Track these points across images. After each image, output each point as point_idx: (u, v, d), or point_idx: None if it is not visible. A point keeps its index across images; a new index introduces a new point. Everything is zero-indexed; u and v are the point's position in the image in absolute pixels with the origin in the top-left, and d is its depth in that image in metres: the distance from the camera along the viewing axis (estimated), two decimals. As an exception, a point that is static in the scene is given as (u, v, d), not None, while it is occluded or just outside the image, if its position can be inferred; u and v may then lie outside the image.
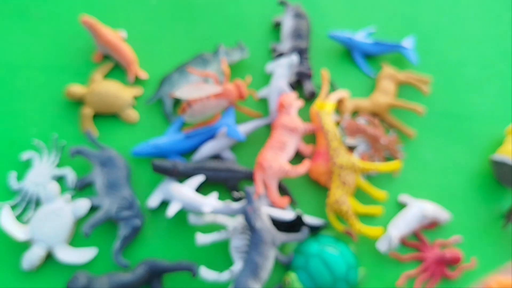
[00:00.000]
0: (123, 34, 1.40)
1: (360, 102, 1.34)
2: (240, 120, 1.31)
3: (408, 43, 1.44)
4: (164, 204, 1.20)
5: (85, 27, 1.32)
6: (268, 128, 1.31)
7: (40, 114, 1.30)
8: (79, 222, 1.18)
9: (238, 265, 1.11)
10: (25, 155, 1.23)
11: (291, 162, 1.23)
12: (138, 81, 1.36)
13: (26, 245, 1.14)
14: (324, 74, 1.31)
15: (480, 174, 1.33)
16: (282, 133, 1.21)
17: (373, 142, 1.26)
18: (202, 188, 1.22)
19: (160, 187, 1.20)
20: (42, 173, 1.21)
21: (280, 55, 1.37)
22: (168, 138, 1.24)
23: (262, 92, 1.34)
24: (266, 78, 1.37)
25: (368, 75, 1.42)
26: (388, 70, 1.38)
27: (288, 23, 1.40)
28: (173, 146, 1.23)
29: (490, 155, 1.30)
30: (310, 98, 1.35)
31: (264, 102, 1.35)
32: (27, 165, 1.24)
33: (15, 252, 1.15)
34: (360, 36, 1.43)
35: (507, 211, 1.27)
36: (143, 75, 1.34)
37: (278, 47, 1.41)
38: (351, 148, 1.29)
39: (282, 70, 1.30)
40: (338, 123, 1.32)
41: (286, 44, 1.39)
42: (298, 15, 1.41)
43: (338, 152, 1.19)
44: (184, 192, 1.15)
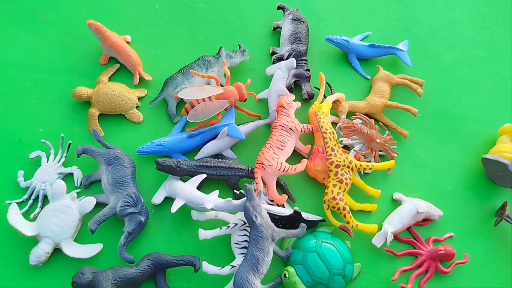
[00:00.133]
0: (128, 37, 1.42)
1: (356, 103, 1.36)
2: (240, 120, 1.32)
3: (403, 46, 1.46)
4: (167, 201, 1.22)
5: (91, 31, 1.35)
6: (268, 128, 1.33)
7: (47, 114, 1.32)
8: (85, 218, 1.20)
9: (238, 259, 1.14)
10: (33, 154, 1.25)
11: (289, 160, 1.25)
12: (142, 82, 1.38)
13: (33, 241, 1.15)
14: (322, 77, 1.33)
15: (472, 173, 1.35)
16: (281, 133, 1.24)
17: (368, 142, 1.28)
18: (204, 186, 1.24)
19: (164, 185, 1.22)
20: (49, 171, 1.23)
21: (280, 58, 1.39)
22: (172, 138, 1.26)
23: (262, 94, 1.36)
24: (266, 80, 1.38)
25: (364, 77, 1.45)
26: (383, 72, 1.40)
27: (287, 27, 1.42)
28: (176, 145, 1.25)
29: (482, 155, 1.32)
30: (308, 99, 1.38)
31: (263, 103, 1.37)
32: (35, 163, 1.25)
33: (23, 248, 1.17)
34: (356, 40, 1.46)
35: (499, 209, 1.30)
36: (148, 77, 1.37)
37: (277, 51, 1.43)
38: (347, 148, 1.32)
39: (281, 72, 1.32)
40: (334, 124, 1.34)
41: (285, 47, 1.41)
42: (297, 19, 1.43)
43: (335, 151, 1.21)
44: (187, 190, 1.17)
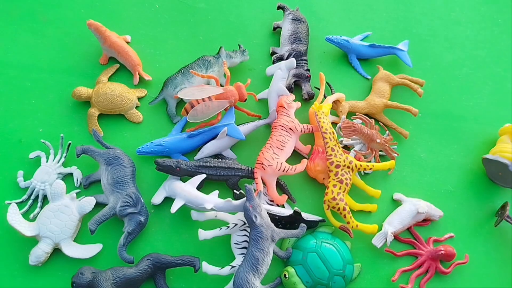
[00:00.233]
0: (128, 37, 1.42)
1: (356, 103, 1.36)
2: (240, 120, 1.32)
3: (403, 46, 1.46)
4: (167, 201, 1.21)
5: (91, 30, 1.35)
6: (268, 128, 1.33)
7: (47, 114, 1.32)
8: (85, 219, 1.20)
9: (238, 260, 1.14)
10: (32, 154, 1.25)
11: (289, 161, 1.25)
12: (142, 82, 1.38)
13: (33, 241, 1.15)
14: (322, 76, 1.33)
15: (473, 173, 1.35)
16: (281, 133, 1.24)
17: (368, 142, 1.28)
18: (204, 186, 1.24)
19: (164, 185, 1.22)
20: (49, 171, 1.23)
21: (280, 58, 1.39)
22: (171, 138, 1.26)
23: (262, 94, 1.36)
24: (266, 80, 1.38)
25: (364, 77, 1.45)
26: (383, 72, 1.40)
27: (287, 27, 1.42)
28: (176, 145, 1.25)
29: (483, 155, 1.32)
30: (308, 99, 1.38)
31: (263, 103, 1.37)
32: (34, 163, 1.25)
33: (22, 248, 1.17)
34: (356, 39, 1.45)
35: (499, 209, 1.30)
36: (147, 77, 1.37)
37: (277, 50, 1.43)
38: (347, 148, 1.32)
39: (281, 72, 1.32)
40: (335, 124, 1.34)
41: (285, 47, 1.41)
42: (297, 19, 1.43)
43: (335, 151, 1.21)
44: (187, 190, 1.17)
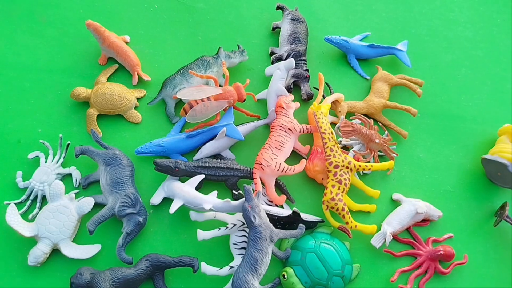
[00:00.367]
0: (127, 38, 1.42)
1: (355, 103, 1.36)
2: (239, 120, 1.32)
3: (402, 46, 1.46)
4: (166, 201, 1.21)
5: (90, 31, 1.34)
6: (267, 129, 1.33)
7: (46, 114, 1.32)
8: (84, 219, 1.20)
9: (237, 260, 1.14)
10: (31, 155, 1.25)
11: (288, 161, 1.25)
12: (141, 83, 1.38)
13: (32, 241, 1.15)
14: (321, 77, 1.33)
15: (472, 173, 1.35)
16: (280, 133, 1.24)
17: (367, 142, 1.28)
18: (202, 186, 1.24)
19: (163, 185, 1.22)
20: (48, 172, 1.23)
21: (279, 58, 1.39)
22: (170, 138, 1.26)
23: (261, 94, 1.36)
24: (265, 81, 1.38)
25: (363, 77, 1.45)
26: (382, 72, 1.40)
27: (286, 27, 1.42)
28: (175, 145, 1.25)
29: (482, 155, 1.32)
30: (307, 99, 1.37)
31: (262, 103, 1.37)
32: (33, 164, 1.25)
33: (21, 248, 1.17)
34: (355, 40, 1.45)
35: (498, 209, 1.30)
36: (146, 77, 1.37)
37: (276, 51, 1.43)
38: (346, 148, 1.32)
39: (280, 73, 1.32)
40: (334, 124, 1.34)
41: (284, 47, 1.41)
42: (296, 20, 1.43)
43: (334, 151, 1.21)
44: (186, 190, 1.17)
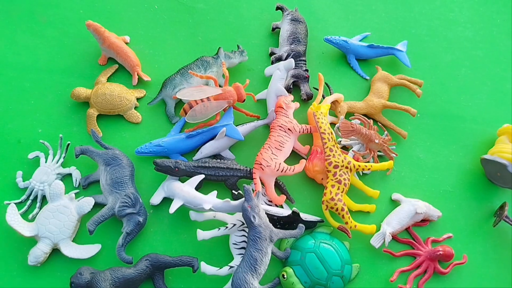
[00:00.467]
0: (127, 38, 1.42)
1: (355, 103, 1.36)
2: (239, 121, 1.32)
3: (401, 46, 1.46)
4: (166, 201, 1.22)
5: (90, 31, 1.35)
6: (266, 129, 1.33)
7: (46, 114, 1.32)
8: (84, 219, 1.21)
9: (237, 260, 1.14)
10: (31, 155, 1.25)
11: (288, 161, 1.25)
12: (141, 83, 1.38)
13: (32, 241, 1.16)
14: (320, 77, 1.33)
15: (471, 174, 1.36)
16: (279, 133, 1.24)
17: (367, 142, 1.28)
18: (202, 186, 1.24)
19: (162, 185, 1.22)
20: (48, 172, 1.23)
21: (278, 58, 1.39)
22: (170, 138, 1.26)
23: (261, 94, 1.36)
24: (265, 81, 1.39)
25: (363, 77, 1.45)
26: (382, 73, 1.41)
27: (285, 28, 1.42)
28: (174, 145, 1.25)
29: (481, 155, 1.32)
30: (306, 100, 1.38)
31: (262, 103, 1.37)
32: (33, 164, 1.25)
33: (21, 248, 1.17)
34: (355, 40, 1.46)
35: (498, 209, 1.30)
36: (146, 77, 1.37)
37: (276, 51, 1.43)
38: (346, 148, 1.32)
39: (280, 73, 1.32)
40: (333, 124, 1.34)
41: (284, 48, 1.41)
42: (296, 20, 1.43)
43: (333, 152, 1.21)
44: (185, 190, 1.17)
